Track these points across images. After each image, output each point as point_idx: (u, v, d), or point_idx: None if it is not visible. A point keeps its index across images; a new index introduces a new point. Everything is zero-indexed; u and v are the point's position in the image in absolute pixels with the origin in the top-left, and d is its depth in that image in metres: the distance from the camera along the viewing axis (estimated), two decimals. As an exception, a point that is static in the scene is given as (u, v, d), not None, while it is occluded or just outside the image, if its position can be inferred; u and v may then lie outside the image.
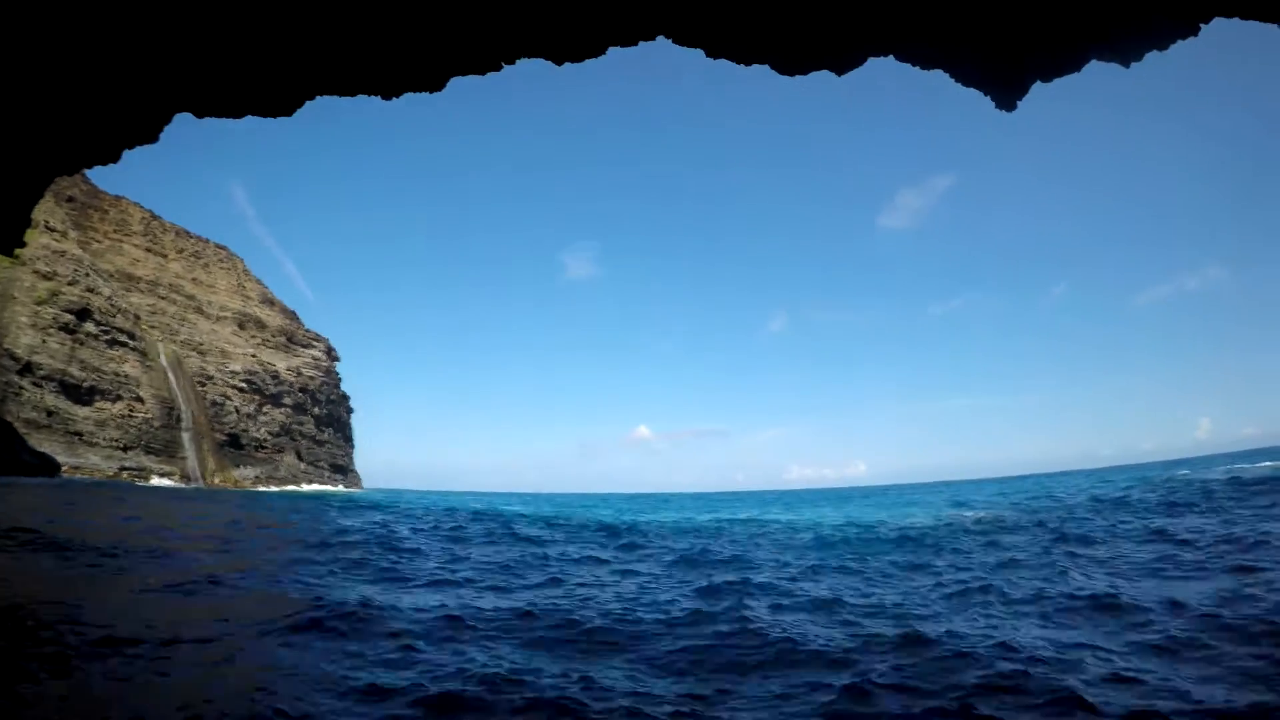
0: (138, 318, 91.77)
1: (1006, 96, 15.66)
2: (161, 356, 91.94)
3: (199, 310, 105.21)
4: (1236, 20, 12.95)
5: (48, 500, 28.45)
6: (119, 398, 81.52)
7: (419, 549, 17.86)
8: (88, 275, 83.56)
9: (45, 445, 65.93)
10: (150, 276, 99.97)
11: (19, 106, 16.00)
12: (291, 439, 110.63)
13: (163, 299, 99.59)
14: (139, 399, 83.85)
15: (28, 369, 72.12)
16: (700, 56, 14.91)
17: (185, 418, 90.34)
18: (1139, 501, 29.24)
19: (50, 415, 73.15)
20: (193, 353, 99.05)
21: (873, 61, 14.85)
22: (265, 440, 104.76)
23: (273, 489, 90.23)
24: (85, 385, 77.66)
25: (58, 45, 14.03)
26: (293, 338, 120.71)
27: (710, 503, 73.93)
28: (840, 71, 15.16)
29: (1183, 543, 16.14)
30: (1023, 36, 13.62)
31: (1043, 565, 14.08)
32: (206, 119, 17.63)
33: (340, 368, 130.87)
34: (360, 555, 15.94)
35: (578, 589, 12.18)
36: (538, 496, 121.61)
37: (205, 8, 13.13)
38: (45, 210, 76.99)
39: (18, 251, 37.71)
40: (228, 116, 17.21)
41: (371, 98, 16.60)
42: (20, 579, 10.56)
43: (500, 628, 8.98)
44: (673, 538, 22.36)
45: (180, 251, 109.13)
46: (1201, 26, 13.61)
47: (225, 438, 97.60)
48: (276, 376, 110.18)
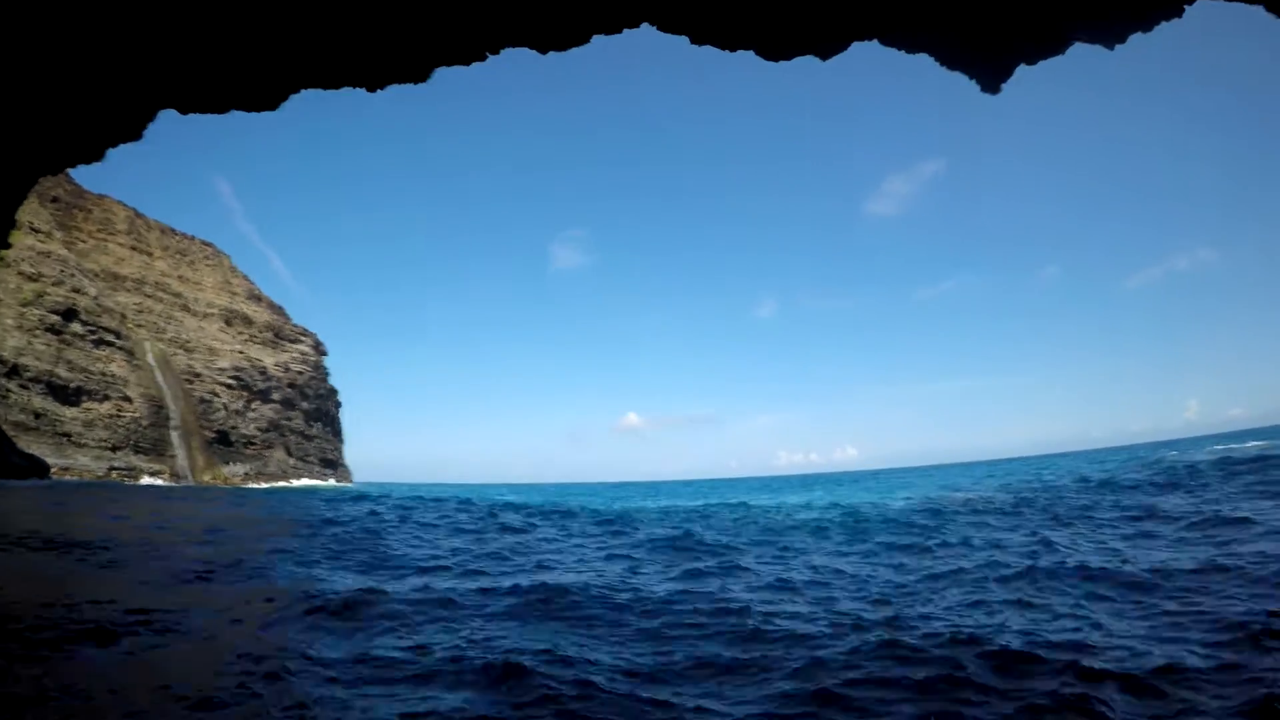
0: (124, 317, 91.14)
1: (991, 79, 15.75)
2: (149, 355, 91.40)
3: (185, 308, 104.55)
4: (1220, 1, 13.06)
5: (37, 501, 28.34)
6: (107, 398, 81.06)
7: (407, 538, 17.94)
8: (73, 275, 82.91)
9: (34, 447, 65.39)
10: (136, 275, 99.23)
11: (1, 107, 15.88)
12: (280, 434, 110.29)
13: (149, 297, 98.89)
14: (127, 398, 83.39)
15: (14, 371, 71.60)
16: (684, 46, 14.94)
17: (173, 416, 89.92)
18: (1128, 481, 29.64)
19: (38, 417, 72.68)
20: (180, 350, 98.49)
21: (857, 46, 14.93)
22: (254, 437, 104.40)
23: (263, 485, 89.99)
24: (72, 386, 77.17)
25: (38, 43, 13.92)
26: (280, 333, 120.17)
27: (700, 489, 74.27)
28: (824, 56, 15.23)
29: (1169, 519, 16.46)
30: (1005, 18, 13.69)
31: (1028, 543, 14.28)
32: (190, 116, 17.58)
33: (328, 362, 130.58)
34: (350, 544, 16.01)
35: (564, 574, 12.30)
36: (528, 487, 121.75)
37: (186, 1, 13.05)
38: (29, 211, 76.16)
39: (2, 253, 37.40)
40: (211, 112, 17.14)
41: (356, 90, 16.61)
42: (10, 575, 10.57)
43: (492, 610, 9.09)
44: (661, 524, 22.50)
45: (165, 249, 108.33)
46: (1186, 8, 13.74)
47: (214, 435, 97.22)
48: (264, 372, 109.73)
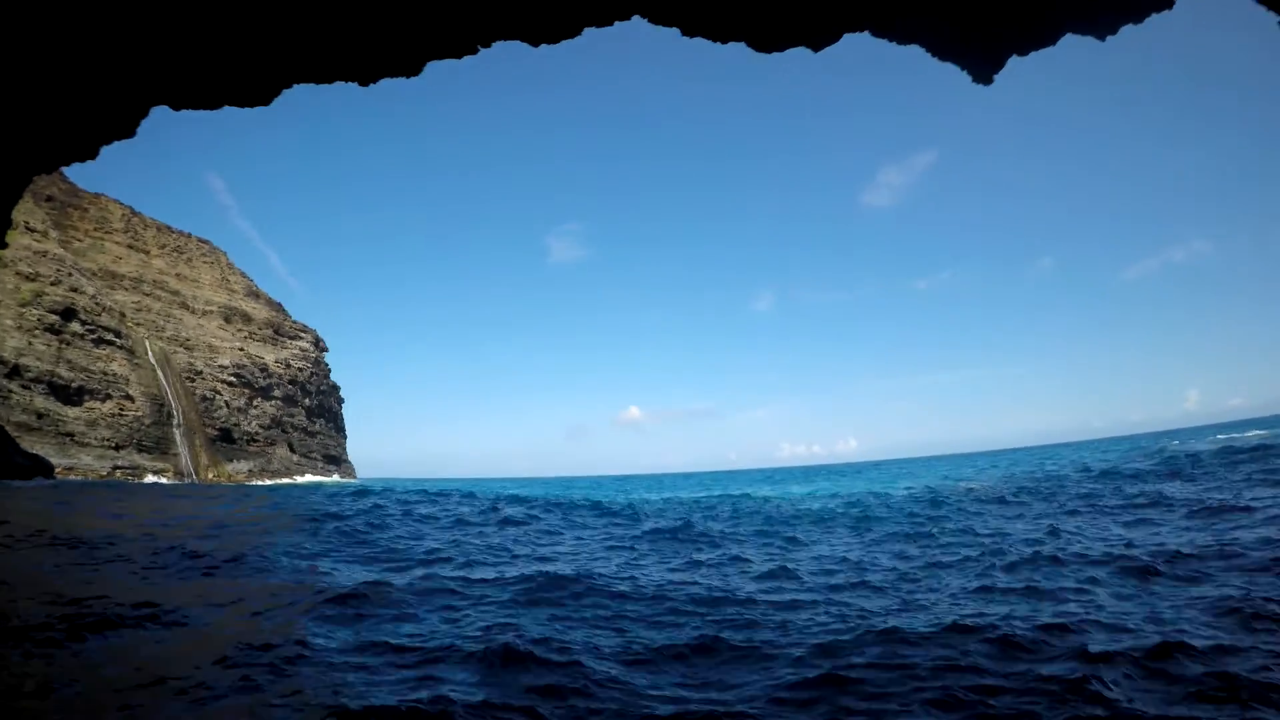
0: (123, 315, 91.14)
1: (983, 70, 15.75)
2: (149, 353, 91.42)
3: (184, 305, 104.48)
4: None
5: (43, 501, 28.44)
6: (108, 397, 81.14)
7: (410, 531, 18.04)
8: (71, 275, 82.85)
9: (37, 447, 65.50)
10: (133, 273, 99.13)
11: (-6, 104, 15.90)
12: (283, 431, 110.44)
13: (147, 295, 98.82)
14: (128, 397, 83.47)
15: (15, 372, 71.66)
16: (677, 38, 14.93)
17: (176, 414, 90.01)
18: (1130, 470, 29.76)
19: (40, 417, 72.79)
20: (180, 348, 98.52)
21: (848, 37, 14.93)
22: (257, 434, 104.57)
23: (266, 482, 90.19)
24: (74, 385, 77.24)
25: (30, 41, 13.94)
26: (280, 329, 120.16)
27: (703, 481, 74.45)
28: (816, 48, 15.22)
29: (1172, 507, 16.58)
30: (997, 9, 13.69)
31: (1031, 530, 14.39)
32: (182, 112, 17.60)
33: (330, 359, 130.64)
34: (353, 538, 16.10)
35: (566, 564, 12.42)
36: (531, 481, 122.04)
37: (178, -1, 13.07)
38: (25, 211, 76.13)
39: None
40: (204, 108, 17.16)
41: (352, 88, 16.63)
42: (18, 573, 10.68)
43: (494, 600, 9.21)
44: (663, 515, 22.64)
45: (162, 247, 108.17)
46: (1175, 0, 13.72)
47: (217, 432, 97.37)
48: (265, 369, 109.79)
